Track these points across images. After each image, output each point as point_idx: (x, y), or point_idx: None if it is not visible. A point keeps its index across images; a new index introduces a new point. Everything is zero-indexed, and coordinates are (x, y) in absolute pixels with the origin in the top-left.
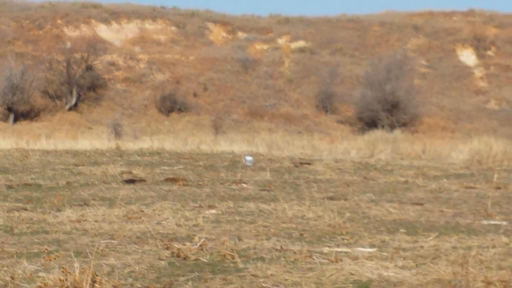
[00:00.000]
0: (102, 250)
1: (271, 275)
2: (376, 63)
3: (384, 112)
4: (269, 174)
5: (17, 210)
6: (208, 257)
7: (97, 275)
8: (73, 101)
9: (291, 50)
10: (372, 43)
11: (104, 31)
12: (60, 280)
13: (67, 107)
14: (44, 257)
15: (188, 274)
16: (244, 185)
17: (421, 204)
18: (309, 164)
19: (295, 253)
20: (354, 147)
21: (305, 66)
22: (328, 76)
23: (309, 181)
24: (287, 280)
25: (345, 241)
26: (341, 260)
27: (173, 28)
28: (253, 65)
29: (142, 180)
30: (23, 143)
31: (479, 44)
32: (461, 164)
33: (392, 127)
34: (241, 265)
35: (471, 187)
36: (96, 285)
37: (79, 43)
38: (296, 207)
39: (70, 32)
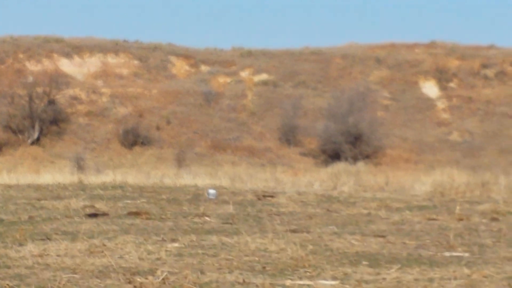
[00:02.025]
0: (64, 284)
1: None
2: (338, 95)
3: (347, 144)
4: (232, 207)
5: None
6: None
7: None
8: (36, 135)
9: (254, 83)
10: (334, 75)
11: (66, 65)
12: None
13: (29, 141)
14: None
15: None
16: (207, 218)
17: (384, 236)
18: (272, 196)
19: (257, 286)
20: (317, 179)
21: (268, 99)
22: (291, 109)
23: (272, 213)
24: None
25: (308, 273)
26: None
27: (136, 61)
28: (216, 98)
29: (104, 214)
30: None
31: (441, 76)
32: (424, 196)
33: (355, 159)
34: None
35: (433, 219)
36: None
37: (41, 77)
38: (259, 240)
39: (32, 67)
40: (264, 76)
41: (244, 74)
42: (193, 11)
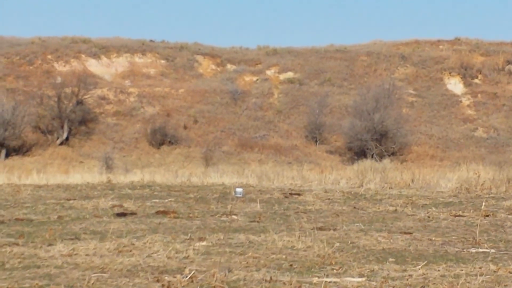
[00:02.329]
0: (93, 284)
1: None
2: (364, 92)
3: (373, 141)
4: (259, 205)
5: (9, 245)
6: None
7: None
8: (64, 135)
9: (280, 81)
10: (360, 73)
11: (94, 66)
12: None
13: (58, 141)
14: None
15: None
16: (234, 216)
17: (410, 233)
18: (299, 194)
19: (284, 284)
20: (344, 177)
21: (294, 97)
22: (317, 107)
23: (299, 211)
24: None
25: (334, 271)
26: None
27: (163, 61)
28: (243, 96)
29: (133, 213)
30: (14, 178)
31: (466, 72)
32: (450, 192)
33: (381, 156)
34: None
35: (459, 216)
36: None
37: (69, 78)
38: (286, 238)
39: (60, 67)
40: (289, 74)
41: (270, 72)
42: (218, 11)
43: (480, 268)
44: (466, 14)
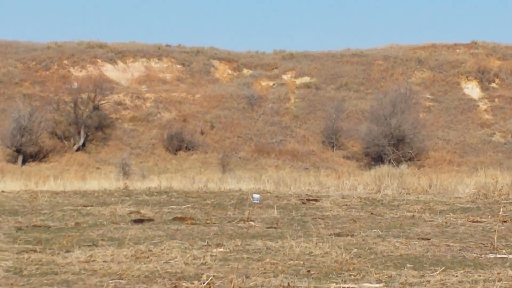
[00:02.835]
0: None
1: None
2: (381, 97)
3: (390, 146)
4: (276, 211)
5: (27, 252)
6: None
7: None
8: (81, 141)
9: (296, 86)
10: (376, 77)
11: (110, 71)
12: None
13: (75, 147)
14: None
15: None
16: (251, 223)
17: (428, 239)
18: (316, 200)
19: None
20: (361, 182)
21: (310, 102)
22: (334, 112)
23: (316, 217)
24: None
25: (352, 277)
26: None
27: (179, 66)
28: (259, 101)
29: (150, 220)
30: (32, 184)
31: (483, 77)
32: (467, 198)
33: (398, 161)
34: None
35: (477, 221)
36: None
37: (85, 83)
38: (303, 244)
39: (77, 72)
40: (306, 79)
41: (286, 77)
42: (234, 15)
43: (498, 273)
44: (483, 17)
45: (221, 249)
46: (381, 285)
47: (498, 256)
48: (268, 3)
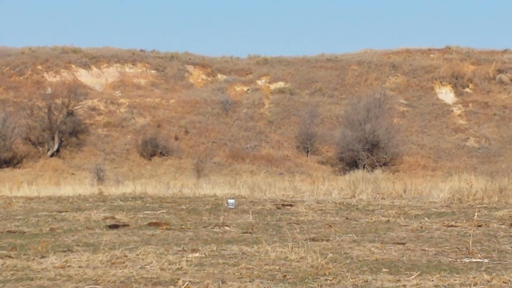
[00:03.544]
0: None
1: None
2: (355, 102)
3: (365, 151)
4: (252, 216)
5: (1, 258)
6: None
7: None
8: (55, 147)
9: (271, 91)
10: (351, 82)
11: (84, 76)
12: None
13: (49, 153)
14: None
15: None
16: (226, 228)
17: (403, 244)
18: (291, 205)
19: None
20: (336, 187)
21: (285, 107)
22: (308, 117)
23: (291, 222)
24: None
25: (328, 282)
26: None
27: (153, 71)
28: (234, 107)
29: (125, 225)
30: (6, 190)
31: (457, 82)
32: (442, 202)
33: (373, 166)
34: None
35: (452, 226)
36: None
37: (59, 88)
38: (279, 249)
39: (51, 78)
40: (280, 84)
41: (260, 82)
42: (209, 20)
43: (474, 278)
44: (457, 22)
45: (197, 254)
46: None
47: (473, 260)
48: (242, 9)
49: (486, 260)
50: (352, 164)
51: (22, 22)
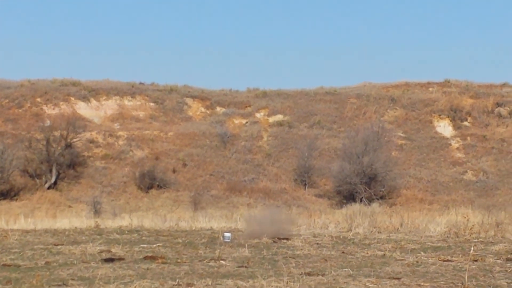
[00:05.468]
0: None
1: None
2: (353, 135)
3: (362, 185)
4: (248, 250)
5: None
6: None
7: None
8: (53, 179)
9: (269, 124)
10: (349, 115)
11: (83, 108)
12: None
13: (46, 185)
14: None
15: None
16: (222, 262)
17: (399, 279)
18: (287, 239)
19: None
20: (332, 221)
21: (283, 140)
22: (306, 150)
23: (287, 256)
24: None
25: None
26: None
27: (152, 104)
28: (232, 139)
29: (121, 259)
30: (2, 222)
31: (456, 115)
32: (439, 236)
33: (370, 200)
34: None
35: (448, 260)
36: None
37: (58, 121)
38: (274, 283)
39: (50, 110)
40: (279, 117)
41: (259, 115)
42: (208, 53)
43: None
44: (455, 56)
45: None
46: None
47: None
48: (241, 42)
49: None
50: (349, 197)
51: (21, 55)
